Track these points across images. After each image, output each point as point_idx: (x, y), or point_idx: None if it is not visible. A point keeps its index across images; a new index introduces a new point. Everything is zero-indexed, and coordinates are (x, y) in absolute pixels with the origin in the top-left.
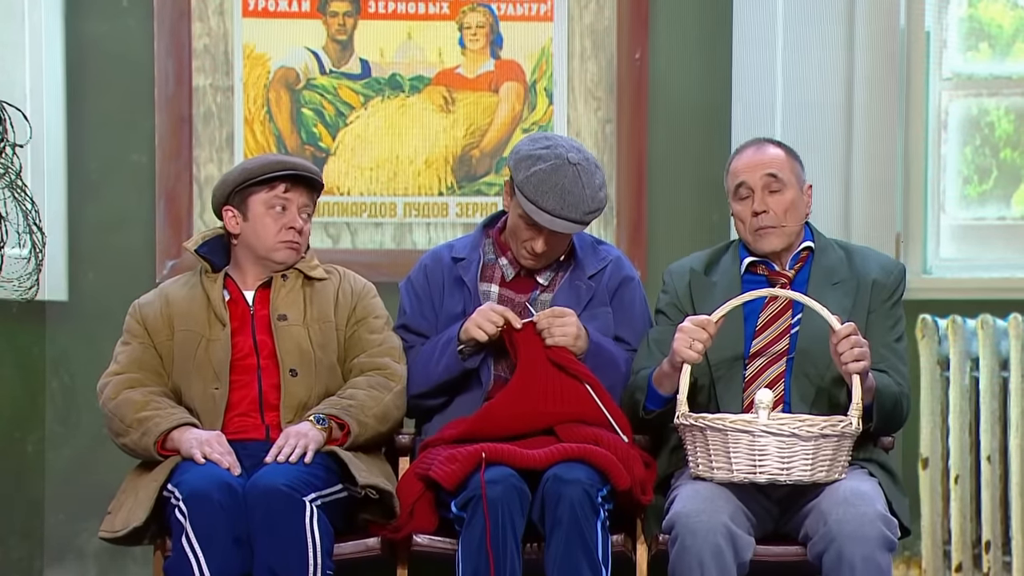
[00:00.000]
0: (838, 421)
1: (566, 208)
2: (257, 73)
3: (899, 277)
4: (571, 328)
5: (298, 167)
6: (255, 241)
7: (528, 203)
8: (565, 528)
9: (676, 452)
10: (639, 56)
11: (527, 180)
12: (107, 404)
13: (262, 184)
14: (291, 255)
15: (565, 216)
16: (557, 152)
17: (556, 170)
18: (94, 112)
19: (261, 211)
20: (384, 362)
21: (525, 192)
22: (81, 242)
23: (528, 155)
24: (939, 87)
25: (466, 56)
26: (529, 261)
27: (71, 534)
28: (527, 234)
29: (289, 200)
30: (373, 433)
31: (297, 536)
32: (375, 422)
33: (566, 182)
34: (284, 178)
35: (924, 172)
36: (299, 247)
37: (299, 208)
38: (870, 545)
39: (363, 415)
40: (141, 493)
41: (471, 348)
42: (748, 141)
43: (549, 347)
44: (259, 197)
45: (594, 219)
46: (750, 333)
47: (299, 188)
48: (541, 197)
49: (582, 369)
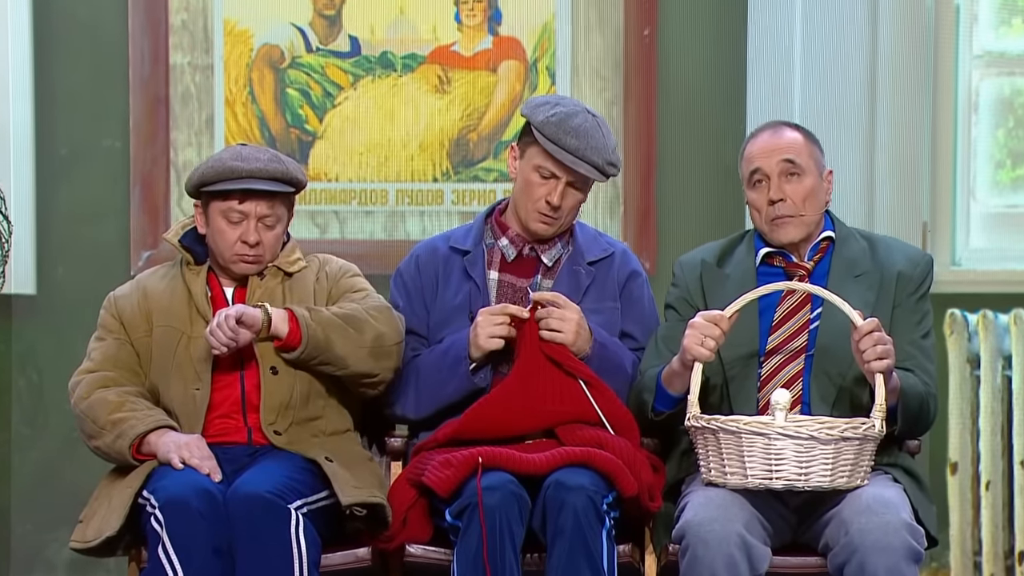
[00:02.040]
0: (860, 423)
1: (589, 150)
2: (239, 51)
3: (926, 269)
4: (569, 325)
5: (255, 175)
6: (215, 248)
7: (548, 142)
8: (568, 538)
9: (687, 456)
10: (648, 32)
11: (547, 121)
12: (79, 404)
13: (218, 192)
14: (248, 268)
15: (587, 158)
16: (573, 102)
17: (576, 114)
18: (64, 93)
19: (218, 220)
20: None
21: (545, 132)
22: (50, 232)
23: (544, 102)
24: (969, 65)
25: (462, 32)
26: (543, 223)
27: (39, 544)
28: (543, 189)
29: (245, 212)
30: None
31: (281, 546)
32: (342, 321)
33: (587, 125)
34: (238, 190)
35: (953, 156)
36: (258, 260)
37: (258, 219)
38: (895, 556)
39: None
40: (115, 500)
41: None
42: (764, 124)
43: (545, 342)
44: (215, 205)
45: (613, 175)
46: (766, 329)
47: (257, 198)
48: (563, 136)
49: (579, 366)
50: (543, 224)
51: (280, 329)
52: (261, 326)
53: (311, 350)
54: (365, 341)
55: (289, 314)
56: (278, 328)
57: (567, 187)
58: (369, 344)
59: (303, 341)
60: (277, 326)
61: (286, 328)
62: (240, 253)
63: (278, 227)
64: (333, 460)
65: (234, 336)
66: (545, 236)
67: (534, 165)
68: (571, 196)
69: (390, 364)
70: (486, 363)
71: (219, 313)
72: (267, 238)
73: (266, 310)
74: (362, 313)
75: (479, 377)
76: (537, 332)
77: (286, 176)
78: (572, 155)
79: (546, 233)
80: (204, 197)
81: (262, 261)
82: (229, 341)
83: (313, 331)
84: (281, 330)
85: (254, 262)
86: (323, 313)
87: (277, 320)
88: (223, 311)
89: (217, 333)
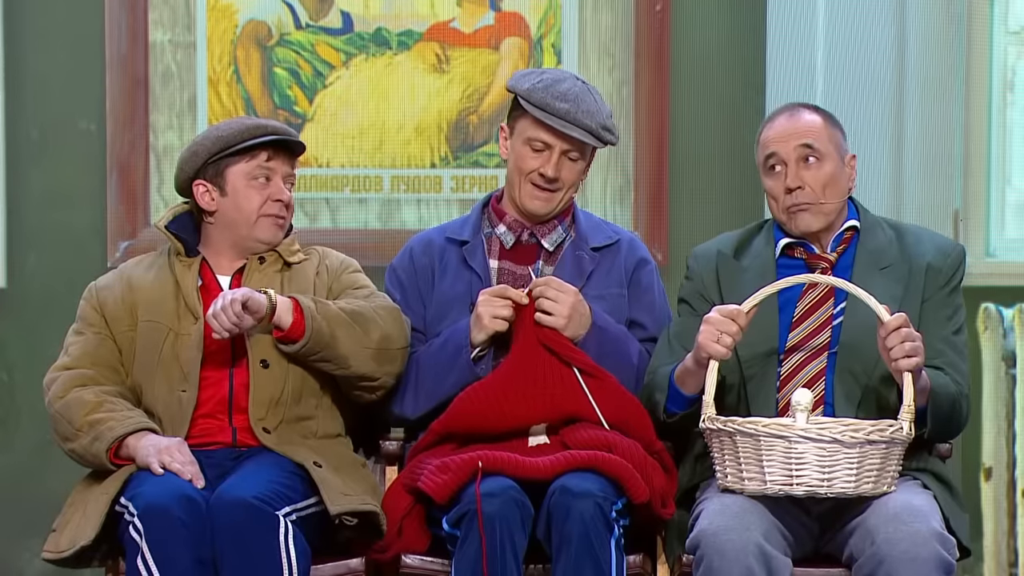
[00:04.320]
0: (887, 425)
1: (580, 113)
2: (223, 27)
3: (957, 260)
4: (562, 308)
5: (279, 131)
6: (237, 217)
7: (537, 109)
8: (574, 547)
9: (702, 460)
10: (660, 7)
11: (533, 88)
12: (54, 404)
13: (241, 153)
14: (277, 233)
15: (579, 122)
16: (560, 71)
17: (563, 79)
18: (35, 72)
19: (242, 184)
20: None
21: (532, 99)
22: (21, 220)
23: (529, 72)
24: (1004, 42)
25: (462, 8)
26: (538, 199)
27: (10, 555)
28: (536, 161)
29: (273, 170)
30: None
31: (269, 555)
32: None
33: (576, 89)
34: (266, 144)
35: (987, 141)
36: (284, 223)
37: (284, 178)
38: (925, 567)
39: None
40: (91, 507)
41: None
42: (781, 107)
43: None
44: (239, 168)
45: (611, 141)
46: (786, 325)
47: (282, 155)
48: (552, 101)
49: (575, 353)
50: (538, 200)
51: (284, 319)
52: (265, 313)
53: (313, 344)
54: (370, 341)
55: (294, 304)
56: (282, 318)
57: (562, 157)
58: (374, 345)
59: (306, 334)
60: (281, 315)
61: (290, 319)
62: (273, 213)
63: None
64: (322, 465)
65: (238, 321)
66: (542, 214)
67: (525, 139)
68: (568, 167)
69: (392, 369)
70: (487, 351)
71: (222, 295)
72: (292, 201)
73: (271, 297)
74: (370, 312)
75: (480, 367)
76: (533, 317)
77: (296, 137)
78: (563, 119)
79: (542, 210)
80: (218, 167)
81: (286, 225)
82: (232, 326)
83: (318, 324)
84: (284, 320)
85: (283, 224)
86: (330, 307)
87: (281, 309)
88: (227, 293)
89: (221, 317)
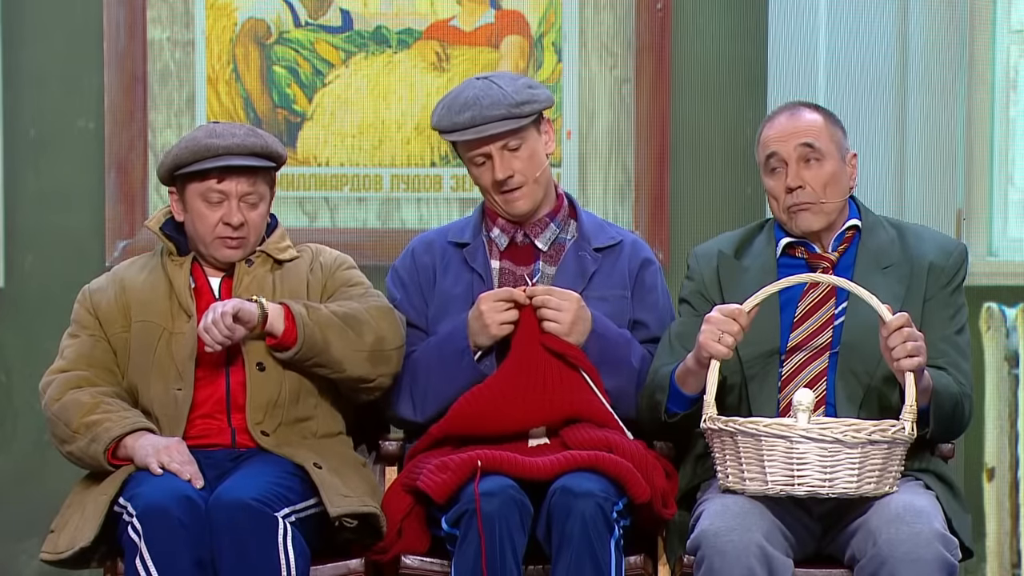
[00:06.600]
0: (889, 426)
1: (485, 109)
2: (222, 25)
3: (959, 259)
4: (565, 315)
5: (232, 151)
6: (194, 234)
7: (452, 134)
8: (574, 547)
9: (703, 461)
10: (662, 5)
11: (440, 118)
12: (50, 406)
13: (196, 172)
14: (233, 254)
15: (489, 118)
16: (463, 83)
17: (462, 91)
18: (33, 70)
19: (197, 203)
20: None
21: (443, 127)
22: (18, 220)
23: (438, 103)
24: (1007, 41)
25: (462, 6)
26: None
27: (8, 556)
28: (488, 173)
29: (225, 192)
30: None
31: (268, 557)
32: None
33: (475, 92)
34: (216, 168)
35: (990, 140)
36: (242, 243)
37: (239, 198)
38: (926, 569)
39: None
40: (89, 508)
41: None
42: (781, 106)
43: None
44: (193, 188)
45: (530, 110)
46: (787, 325)
47: (238, 176)
48: (455, 118)
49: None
50: (514, 203)
51: (276, 327)
52: (256, 322)
53: (306, 351)
54: (364, 344)
55: (285, 311)
56: (274, 325)
57: (503, 153)
58: (368, 348)
59: (298, 341)
60: (273, 323)
61: (282, 326)
62: (223, 236)
63: (261, 206)
64: (322, 466)
65: (230, 334)
66: (525, 211)
67: (467, 160)
68: (514, 158)
69: (388, 370)
70: (490, 351)
71: (212, 308)
72: (251, 218)
73: (262, 305)
74: (363, 313)
75: (485, 365)
76: (534, 319)
77: (265, 150)
78: (472, 127)
79: (524, 208)
80: (180, 181)
81: (247, 244)
82: (224, 339)
83: (310, 331)
84: (276, 328)
85: (238, 246)
86: (321, 311)
87: (273, 316)
88: (217, 306)
89: (212, 331)
